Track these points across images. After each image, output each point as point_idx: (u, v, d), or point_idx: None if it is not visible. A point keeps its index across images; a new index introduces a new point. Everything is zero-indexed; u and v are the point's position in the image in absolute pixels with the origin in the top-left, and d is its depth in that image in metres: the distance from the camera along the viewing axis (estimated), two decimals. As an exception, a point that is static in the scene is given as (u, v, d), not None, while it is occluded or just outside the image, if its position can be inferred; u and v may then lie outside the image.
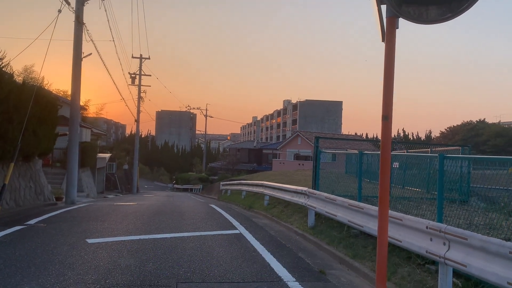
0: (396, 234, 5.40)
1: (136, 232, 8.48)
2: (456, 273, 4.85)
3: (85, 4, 16.24)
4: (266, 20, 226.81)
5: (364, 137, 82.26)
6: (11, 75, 11.01)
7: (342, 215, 7.42)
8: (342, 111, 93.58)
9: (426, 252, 4.81)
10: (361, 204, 6.81)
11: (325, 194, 8.43)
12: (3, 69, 10.27)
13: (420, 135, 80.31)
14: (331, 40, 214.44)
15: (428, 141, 68.56)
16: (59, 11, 13.64)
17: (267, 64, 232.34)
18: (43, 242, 7.25)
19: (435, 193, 7.20)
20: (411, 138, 78.52)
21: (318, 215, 9.48)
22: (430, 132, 78.57)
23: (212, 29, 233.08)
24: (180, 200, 20.63)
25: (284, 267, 6.15)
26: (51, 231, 8.45)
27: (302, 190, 9.89)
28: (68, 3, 14.34)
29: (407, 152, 13.52)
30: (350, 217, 7.08)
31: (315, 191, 9.23)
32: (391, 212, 5.29)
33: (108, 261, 6.03)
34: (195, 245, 7.34)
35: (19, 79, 29.20)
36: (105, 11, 22.44)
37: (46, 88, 31.35)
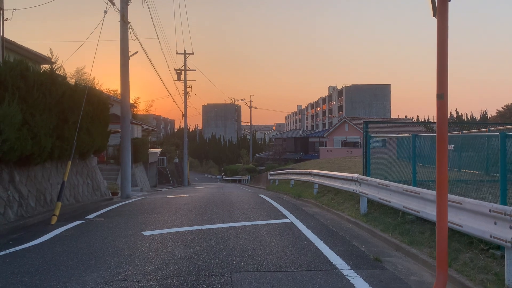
0: (455, 218, 5.15)
1: (189, 223, 8.64)
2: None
3: (129, 3, 16.64)
4: (307, 6, 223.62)
5: (415, 120, 79.50)
6: (64, 77, 11.49)
7: (396, 201, 7.18)
8: (391, 94, 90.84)
9: (491, 236, 4.54)
10: (417, 189, 6.55)
11: (378, 180, 8.19)
12: (56, 72, 10.71)
13: (474, 115, 76.50)
14: (376, 20, 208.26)
15: (484, 121, 65.15)
16: (105, 12, 14.07)
17: (310, 51, 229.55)
18: (102, 235, 7.55)
19: (496, 175, 6.82)
20: (465, 119, 74.97)
21: (370, 202, 9.25)
22: (486, 112, 74.61)
23: (254, 19, 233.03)
24: (230, 191, 20.86)
25: (338, 255, 6.05)
26: (108, 224, 8.79)
27: (352, 177, 9.68)
28: (113, 3, 14.76)
29: (462, 133, 12.91)
30: (405, 202, 6.83)
31: (366, 178, 8.99)
32: (450, 196, 5.04)
33: (163, 252, 6.18)
34: (247, 235, 7.37)
35: (71, 81, 30.61)
36: (148, 8, 22.96)
37: (97, 88, 32.77)
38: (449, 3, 4.33)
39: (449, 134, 11.91)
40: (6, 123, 7.59)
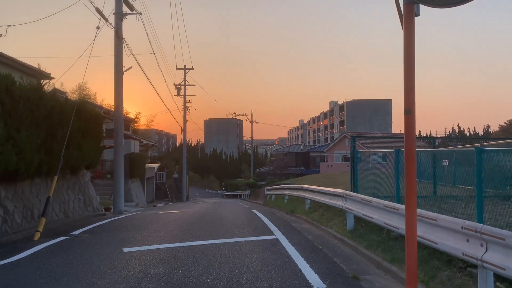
0: (431, 235, 5.05)
1: (172, 240, 8.53)
2: (501, 276, 4.44)
3: (123, 19, 16.79)
4: (308, 22, 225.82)
5: (417, 135, 79.22)
6: (53, 92, 11.52)
7: (378, 217, 7.07)
8: (392, 109, 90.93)
9: (463, 254, 4.44)
10: (396, 205, 6.45)
11: (362, 196, 8.09)
12: (43, 87, 10.74)
13: (477, 131, 76.24)
14: (375, 37, 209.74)
15: (487, 136, 64.89)
16: (98, 27, 14.20)
17: (311, 66, 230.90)
18: (81, 252, 7.46)
19: (490, 190, 6.71)
20: (468, 134, 74.73)
21: (357, 218, 9.13)
22: (489, 127, 74.41)
23: (254, 34, 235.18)
24: (225, 206, 20.73)
25: (316, 273, 5.91)
26: (91, 241, 8.69)
27: (339, 193, 9.58)
28: (106, 20, 14.88)
29: (455, 148, 12.82)
30: (386, 219, 6.73)
31: (351, 193, 8.89)
32: (425, 212, 4.95)
33: (139, 269, 6.07)
34: (228, 252, 7.25)
35: (73, 96, 30.84)
36: (143, 25, 23.17)
37: (96, 103, 32.96)
38: (417, 17, 4.32)
39: (443, 149, 11.80)
40: (-13, 139, 7.57)
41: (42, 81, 15.92)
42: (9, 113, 8.93)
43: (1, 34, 13.38)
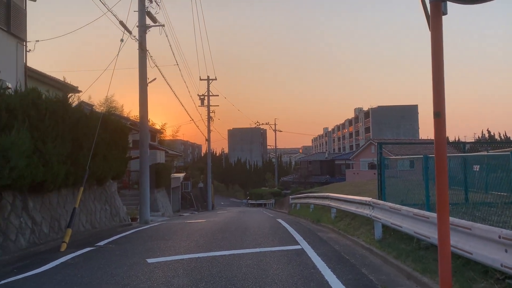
0: (465, 245, 4.78)
1: (196, 250, 8.45)
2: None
3: (147, 32, 17.02)
4: (331, 28, 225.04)
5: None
6: (79, 106, 11.70)
7: (407, 226, 6.80)
8: (419, 115, 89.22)
9: (501, 265, 4.17)
10: (427, 213, 6.18)
11: (390, 204, 7.83)
12: (69, 100, 10.93)
13: (508, 135, 73.79)
14: (400, 41, 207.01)
15: (517, 140, 62.66)
16: (122, 40, 14.42)
17: (335, 73, 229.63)
18: (106, 263, 7.44)
19: None
20: (498, 138, 72.42)
21: (386, 227, 8.85)
22: (520, 130, 71.78)
23: (275, 43, 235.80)
24: (249, 215, 20.59)
25: (343, 284, 5.71)
26: (116, 251, 8.69)
27: (366, 201, 9.31)
28: (130, 32, 15.11)
29: (487, 153, 12.35)
30: (416, 227, 6.46)
31: (379, 201, 8.63)
32: (458, 221, 4.69)
33: (162, 281, 6.00)
34: (252, 263, 7.11)
35: (101, 109, 31.49)
36: (166, 36, 23.41)
37: (122, 115, 33.52)
38: (444, 16, 4.13)
39: (472, 154, 11.41)
40: (14, 151, 7.70)
41: (69, 94, 16.26)
42: (36, 126, 9.09)
43: (30, 50, 13.72)
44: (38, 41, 14.17)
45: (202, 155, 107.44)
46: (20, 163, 8.04)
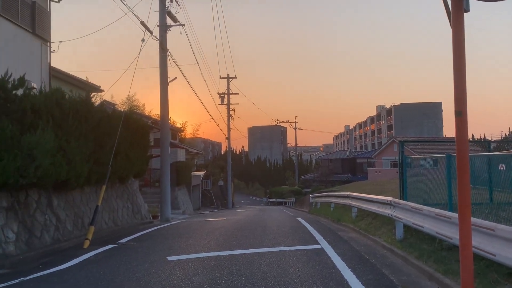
0: (488, 246, 4.68)
1: (216, 248, 8.50)
2: None
3: (167, 31, 17.18)
4: (351, 25, 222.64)
5: (470, 138, 75.76)
6: (101, 105, 11.90)
7: (429, 226, 6.69)
8: (443, 112, 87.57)
9: (526, 268, 4.05)
10: (449, 213, 6.07)
11: (411, 204, 7.71)
12: (92, 99, 11.13)
13: (535, 133, 71.72)
14: (424, 37, 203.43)
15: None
16: (143, 40, 14.60)
17: (356, 70, 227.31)
18: (127, 260, 7.56)
19: None
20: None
21: (407, 227, 8.72)
22: (548, 128, 69.86)
23: (295, 41, 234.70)
24: (269, 214, 20.60)
25: (363, 284, 5.65)
26: (138, 249, 8.83)
27: (387, 201, 9.20)
28: (151, 32, 15.28)
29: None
30: (438, 228, 6.35)
31: (400, 201, 8.50)
32: (480, 221, 4.60)
33: (182, 278, 6.06)
34: (272, 262, 7.11)
35: (123, 107, 31.96)
36: (187, 35, 23.56)
37: (144, 113, 33.93)
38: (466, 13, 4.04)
39: (497, 153, 11.16)
40: (39, 150, 7.89)
41: (92, 93, 16.57)
42: (60, 125, 9.29)
43: (54, 50, 14.02)
44: (61, 41, 14.47)
45: (222, 153, 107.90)
46: (45, 162, 8.24)
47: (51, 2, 13.77)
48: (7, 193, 8.25)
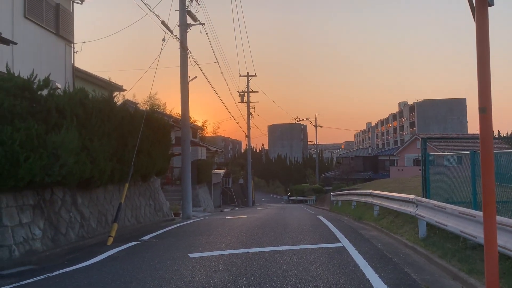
0: (515, 246, 4.56)
1: (237, 246, 8.54)
2: None
3: (188, 30, 17.30)
4: (375, 21, 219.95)
5: (496, 135, 74.03)
6: (123, 104, 12.08)
7: (453, 225, 6.57)
8: (467, 108, 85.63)
9: (555, 268, 3.94)
10: (473, 212, 5.94)
11: (434, 202, 7.59)
12: (114, 99, 11.32)
13: None
14: (448, 32, 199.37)
15: None
16: (163, 40, 14.76)
17: (378, 67, 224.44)
18: (150, 257, 7.67)
19: None
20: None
21: (430, 225, 8.59)
22: None
23: (317, 37, 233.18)
24: (290, 212, 20.56)
25: (385, 283, 5.59)
26: (160, 246, 8.95)
27: (409, 199, 9.07)
28: (171, 32, 15.43)
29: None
30: (462, 226, 6.23)
31: (423, 199, 8.37)
32: (507, 220, 4.49)
33: (203, 275, 6.11)
34: (292, 260, 7.10)
35: (145, 107, 32.39)
36: (207, 34, 23.66)
37: (165, 112, 34.34)
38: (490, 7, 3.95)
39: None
40: (63, 149, 8.07)
41: (114, 93, 16.84)
42: (83, 125, 9.48)
43: (77, 51, 14.32)
44: (85, 42, 14.77)
45: (242, 151, 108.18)
46: (69, 160, 8.42)
47: (74, 4, 14.05)
48: (33, 191, 8.47)
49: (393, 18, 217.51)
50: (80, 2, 14.20)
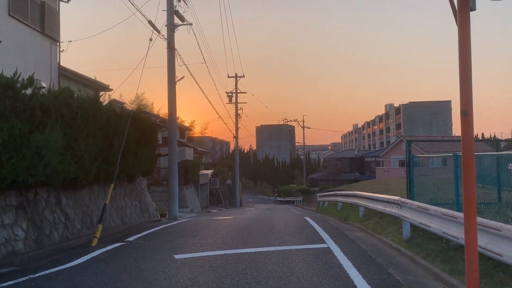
0: (495, 247, 4.65)
1: (222, 247, 8.54)
2: None
3: (175, 30, 17.24)
4: (361, 24, 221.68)
5: (480, 137, 75.12)
6: (109, 104, 11.99)
7: (436, 226, 6.66)
8: (452, 111, 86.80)
9: (533, 269, 4.03)
10: (455, 213, 6.04)
11: (417, 203, 7.68)
12: (100, 98, 11.23)
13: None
14: (433, 35, 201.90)
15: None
16: (150, 39, 14.68)
17: (364, 69, 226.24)
18: (135, 258, 7.63)
19: None
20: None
21: (414, 226, 8.69)
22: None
23: (304, 38, 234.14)
24: (277, 213, 20.60)
25: (369, 284, 5.64)
26: (145, 247, 8.90)
27: (394, 200, 9.16)
28: (159, 32, 15.35)
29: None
30: (445, 228, 6.32)
31: (407, 200, 8.47)
32: (487, 221, 4.57)
33: (188, 277, 6.09)
34: (278, 260, 7.13)
35: (131, 106, 32.16)
36: (194, 35, 23.78)
37: (153, 112, 34.12)
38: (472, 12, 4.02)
39: (507, 152, 11.05)
40: (48, 149, 7.98)
41: (100, 92, 16.69)
42: (68, 124, 9.38)
43: (63, 50, 14.16)
44: (71, 41, 14.60)
45: (230, 152, 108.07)
46: (54, 160, 8.33)
47: (60, 2, 13.89)
48: (17, 191, 8.35)
49: (380, 21, 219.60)
50: (66, 0, 14.05)
